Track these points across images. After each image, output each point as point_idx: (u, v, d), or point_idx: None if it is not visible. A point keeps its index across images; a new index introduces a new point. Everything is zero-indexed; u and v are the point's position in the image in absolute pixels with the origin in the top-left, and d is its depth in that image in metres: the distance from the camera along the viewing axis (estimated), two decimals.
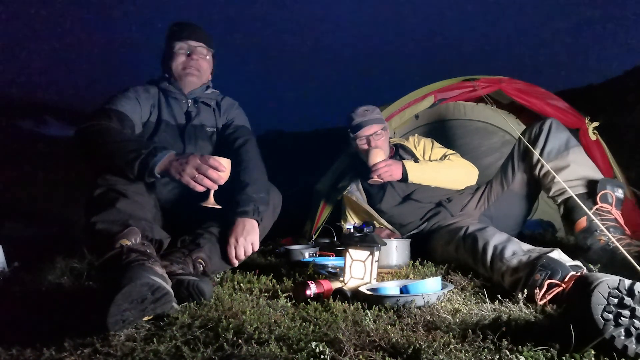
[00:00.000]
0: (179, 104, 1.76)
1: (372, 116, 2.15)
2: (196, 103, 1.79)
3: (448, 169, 2.13)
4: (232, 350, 0.83)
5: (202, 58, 1.79)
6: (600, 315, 0.82)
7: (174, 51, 1.76)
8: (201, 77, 1.80)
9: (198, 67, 1.77)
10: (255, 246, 1.54)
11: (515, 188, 1.94)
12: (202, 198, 1.40)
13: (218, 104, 1.85)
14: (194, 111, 1.77)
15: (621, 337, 0.79)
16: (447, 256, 1.78)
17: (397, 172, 2.03)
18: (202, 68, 1.80)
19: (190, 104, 1.78)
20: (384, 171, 1.99)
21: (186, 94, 1.77)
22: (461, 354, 0.79)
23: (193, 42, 1.77)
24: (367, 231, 1.36)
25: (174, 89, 1.75)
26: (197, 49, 1.78)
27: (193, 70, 1.76)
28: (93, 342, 0.87)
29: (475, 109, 3.12)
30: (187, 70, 1.76)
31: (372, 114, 2.16)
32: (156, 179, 1.41)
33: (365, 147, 2.14)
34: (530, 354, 0.77)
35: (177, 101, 1.76)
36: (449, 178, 2.12)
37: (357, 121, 2.14)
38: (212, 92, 1.86)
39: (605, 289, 0.84)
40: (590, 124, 2.34)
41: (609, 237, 1.46)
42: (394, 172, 2.02)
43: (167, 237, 1.33)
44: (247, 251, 1.52)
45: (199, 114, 1.77)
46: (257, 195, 1.57)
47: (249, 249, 1.52)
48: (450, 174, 2.13)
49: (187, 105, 1.77)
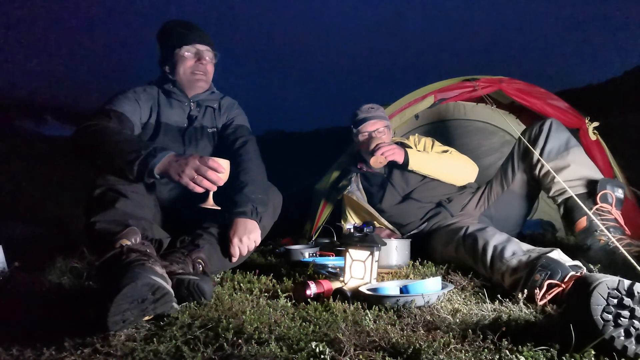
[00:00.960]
0: (181, 107, 1.76)
1: (376, 113, 2.18)
2: (199, 106, 1.79)
3: (449, 160, 2.13)
4: (232, 350, 0.83)
5: (210, 62, 1.78)
6: (599, 316, 0.82)
7: (182, 54, 1.73)
8: (208, 82, 1.80)
9: (206, 71, 1.77)
10: (257, 243, 1.55)
11: (515, 188, 1.94)
12: (202, 199, 1.40)
13: (219, 104, 1.85)
14: (197, 114, 1.77)
15: (621, 338, 0.79)
16: (447, 256, 1.78)
17: (399, 154, 2.00)
18: (209, 72, 1.79)
19: (193, 106, 1.78)
20: (387, 149, 1.96)
21: (190, 97, 1.77)
22: (461, 354, 0.80)
23: (201, 46, 1.75)
24: (367, 231, 1.36)
25: (177, 92, 1.75)
26: (205, 53, 1.75)
27: (202, 76, 1.75)
28: (93, 342, 0.87)
29: (475, 109, 3.12)
30: (197, 77, 1.74)
31: (376, 111, 2.19)
32: (156, 180, 1.41)
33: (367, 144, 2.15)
34: (530, 354, 0.77)
35: (180, 103, 1.75)
36: (449, 170, 2.11)
37: (361, 116, 2.16)
38: (215, 93, 1.86)
39: (605, 289, 0.84)
40: (590, 124, 2.34)
41: (609, 237, 1.46)
42: (397, 153, 1.99)
43: (167, 237, 1.33)
44: (250, 248, 1.53)
45: (201, 117, 1.77)
46: (256, 195, 1.57)
47: (252, 246, 1.53)
48: (450, 165, 2.11)
49: (189, 108, 1.77)
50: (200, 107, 1.79)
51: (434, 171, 2.08)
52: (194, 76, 1.74)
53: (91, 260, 1.62)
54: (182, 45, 1.72)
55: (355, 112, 2.21)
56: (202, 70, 1.75)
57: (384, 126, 2.16)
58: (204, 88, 1.78)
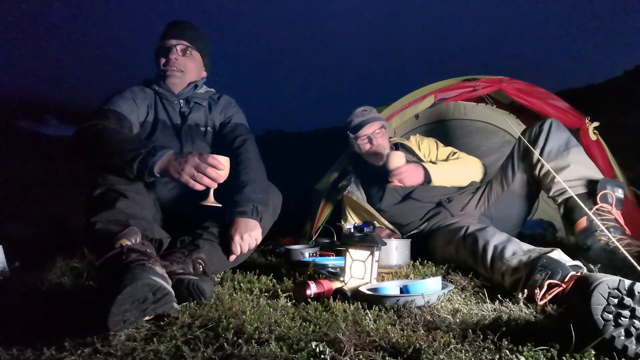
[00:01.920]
0: (171, 105, 1.76)
1: (370, 115, 2.20)
2: (188, 103, 1.79)
3: (463, 165, 2.17)
4: (232, 350, 0.83)
5: (185, 57, 1.77)
6: (600, 316, 0.82)
7: (155, 52, 1.76)
8: (184, 77, 1.78)
9: (179, 67, 1.75)
10: (258, 241, 1.55)
11: (515, 188, 1.94)
12: (202, 197, 1.40)
13: (214, 102, 1.84)
14: (187, 111, 1.77)
15: (621, 338, 0.79)
16: (447, 256, 1.78)
17: (419, 176, 2.03)
18: (186, 67, 1.77)
19: (183, 103, 1.78)
20: (406, 175, 1.98)
21: (176, 94, 1.77)
22: (461, 354, 0.79)
23: (174, 40, 1.74)
24: (367, 231, 1.36)
25: (164, 90, 1.75)
26: (175, 48, 1.74)
27: (174, 72, 1.75)
28: (93, 342, 0.87)
29: (475, 109, 3.12)
30: (168, 72, 1.74)
31: (370, 113, 2.21)
32: (156, 179, 1.41)
33: (367, 147, 2.16)
34: (530, 354, 0.77)
35: (169, 102, 1.76)
36: (465, 175, 2.15)
37: (357, 121, 2.17)
38: (205, 91, 1.85)
39: (605, 289, 0.84)
40: (590, 124, 2.34)
41: (609, 237, 1.46)
42: (416, 175, 2.01)
43: (167, 236, 1.33)
44: (251, 246, 1.53)
45: (192, 113, 1.77)
46: (256, 195, 1.57)
47: (253, 244, 1.53)
48: (465, 170, 2.16)
49: (179, 106, 1.77)
50: (189, 104, 1.79)
51: (454, 181, 2.11)
52: (165, 72, 1.75)
53: (91, 260, 1.62)
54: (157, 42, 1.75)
55: (349, 117, 2.23)
56: (173, 66, 1.74)
57: (380, 127, 2.18)
58: (177, 84, 1.77)
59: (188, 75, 1.79)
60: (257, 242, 1.55)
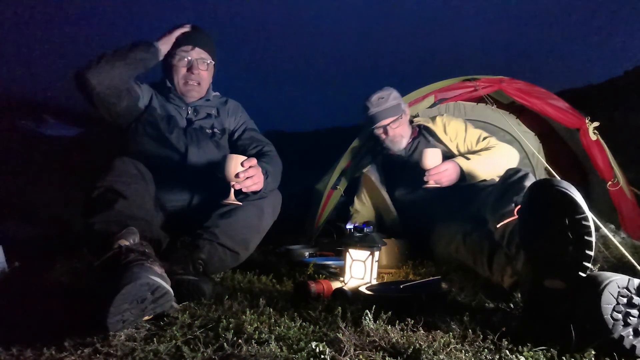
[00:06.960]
0: (179, 111, 1.77)
1: (386, 105, 2.09)
2: (196, 111, 1.80)
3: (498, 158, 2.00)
4: (232, 350, 0.83)
5: (204, 70, 1.77)
6: (609, 315, 0.81)
7: (174, 64, 1.74)
8: (202, 90, 1.80)
9: (199, 80, 1.76)
10: (258, 185, 1.51)
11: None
12: (205, 197, 1.40)
13: (222, 106, 1.86)
14: (194, 117, 1.78)
15: (630, 337, 0.79)
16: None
17: (454, 175, 1.91)
18: (204, 79, 1.78)
19: (190, 111, 1.79)
20: (444, 176, 1.87)
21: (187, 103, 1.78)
22: (461, 354, 0.79)
23: (195, 53, 1.74)
24: (367, 231, 1.36)
25: (175, 98, 1.77)
26: (197, 63, 1.75)
27: (194, 85, 1.76)
28: (93, 342, 0.87)
29: (475, 109, 3.11)
30: (189, 87, 1.75)
31: (386, 102, 2.10)
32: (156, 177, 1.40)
33: (384, 137, 2.14)
34: (530, 354, 0.77)
35: (178, 107, 1.77)
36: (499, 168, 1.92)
37: (372, 112, 2.10)
38: (213, 97, 1.86)
39: (615, 288, 0.83)
40: (590, 124, 2.34)
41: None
42: (452, 175, 1.90)
43: (166, 237, 1.33)
44: (250, 179, 1.46)
45: (199, 118, 1.78)
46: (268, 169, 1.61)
47: (251, 179, 1.46)
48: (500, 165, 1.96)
49: (186, 112, 1.78)
50: (198, 112, 1.80)
51: (487, 175, 1.97)
52: (186, 86, 1.75)
53: (91, 260, 1.61)
54: (177, 51, 1.72)
55: (365, 104, 2.12)
56: (194, 80, 1.75)
57: (396, 118, 2.09)
58: (196, 97, 1.79)
59: (204, 88, 1.81)
60: (256, 184, 1.49)
